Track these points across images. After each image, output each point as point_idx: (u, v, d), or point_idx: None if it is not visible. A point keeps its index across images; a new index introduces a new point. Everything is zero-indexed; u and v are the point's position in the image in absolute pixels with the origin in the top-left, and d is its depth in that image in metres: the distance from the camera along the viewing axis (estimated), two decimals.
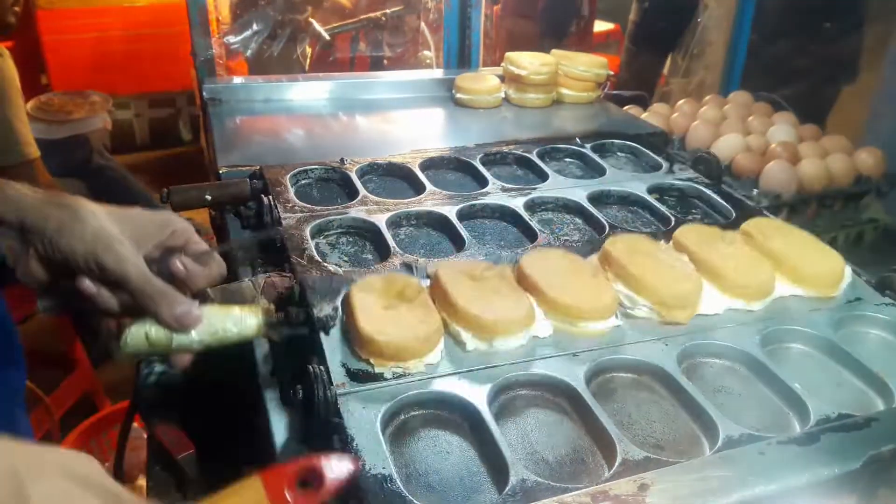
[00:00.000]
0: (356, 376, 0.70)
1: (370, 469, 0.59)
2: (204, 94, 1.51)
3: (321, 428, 0.66)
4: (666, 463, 0.59)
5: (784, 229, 0.99)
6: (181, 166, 4.00)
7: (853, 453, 0.60)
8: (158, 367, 0.95)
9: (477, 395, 0.69)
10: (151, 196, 2.71)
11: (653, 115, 1.73)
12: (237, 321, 0.66)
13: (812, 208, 1.54)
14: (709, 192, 1.17)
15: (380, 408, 0.66)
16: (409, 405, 0.69)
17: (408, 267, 0.90)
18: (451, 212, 1.06)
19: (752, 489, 0.56)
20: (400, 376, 0.70)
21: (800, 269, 0.89)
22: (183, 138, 4.35)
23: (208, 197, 1.08)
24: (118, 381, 2.23)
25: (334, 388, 0.67)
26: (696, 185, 1.19)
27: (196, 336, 0.64)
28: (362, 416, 0.65)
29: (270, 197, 1.04)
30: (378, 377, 0.70)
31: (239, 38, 1.91)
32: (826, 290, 0.89)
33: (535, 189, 1.16)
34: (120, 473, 1.17)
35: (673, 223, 1.06)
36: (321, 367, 0.69)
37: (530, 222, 1.06)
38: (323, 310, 0.77)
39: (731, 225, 1.07)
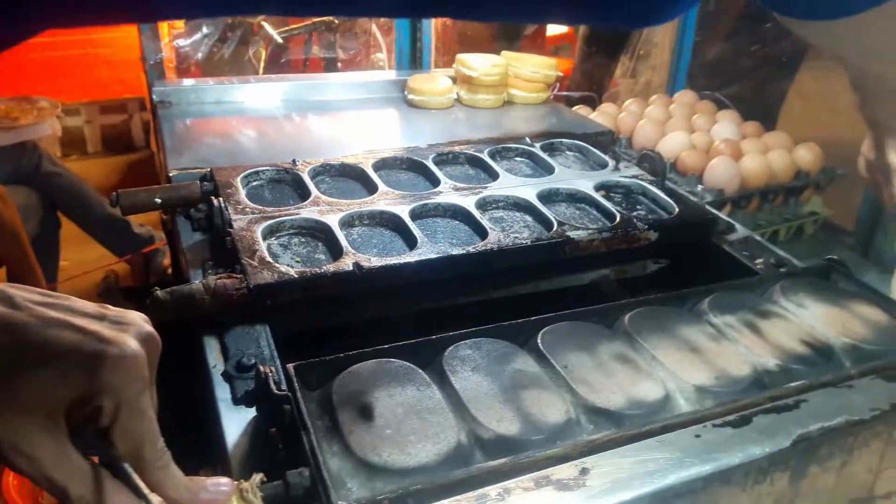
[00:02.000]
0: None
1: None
2: (153, 96, 1.50)
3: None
4: None
5: None
6: (135, 173, 3.94)
7: (783, 433, 0.64)
8: None
9: None
10: (105, 203, 2.67)
11: (601, 115, 1.77)
12: None
13: (754, 203, 1.59)
14: (653, 188, 1.20)
15: None
16: None
17: (359, 266, 0.91)
18: (403, 211, 1.08)
19: (688, 470, 0.59)
20: None
21: None
22: (136, 144, 4.28)
23: (158, 200, 1.08)
24: None
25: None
26: (640, 182, 1.22)
27: None
28: None
29: (221, 199, 1.04)
30: None
31: (189, 41, 1.90)
32: None
33: (485, 188, 1.19)
34: None
35: (618, 219, 1.09)
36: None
37: (481, 220, 1.08)
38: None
39: (675, 220, 1.11)
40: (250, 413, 0.71)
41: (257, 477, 0.53)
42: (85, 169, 3.86)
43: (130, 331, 0.47)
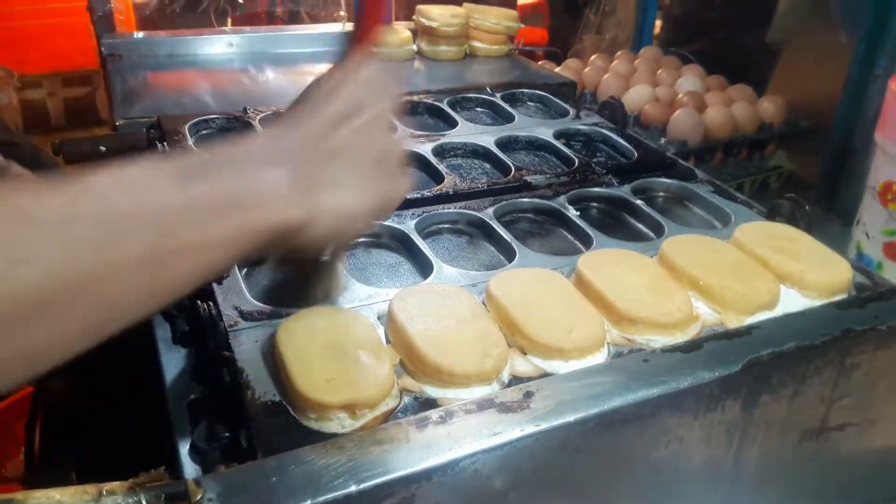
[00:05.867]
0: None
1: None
2: (102, 49, 1.45)
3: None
4: None
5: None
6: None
7: (733, 358, 0.62)
8: None
9: None
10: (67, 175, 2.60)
11: (565, 70, 1.75)
12: None
13: (718, 156, 1.58)
14: (613, 135, 1.19)
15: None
16: None
17: None
18: None
19: (634, 393, 0.57)
20: None
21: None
22: (103, 118, 4.15)
23: (102, 148, 1.04)
24: None
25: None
26: (600, 130, 1.21)
27: None
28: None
29: (166, 145, 1.00)
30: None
31: None
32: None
33: (443, 135, 1.16)
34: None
35: (576, 164, 1.08)
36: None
37: (438, 167, 1.05)
38: None
39: (634, 165, 1.10)
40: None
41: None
42: (49, 145, 3.72)
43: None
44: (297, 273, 0.69)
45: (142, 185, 0.44)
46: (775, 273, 0.78)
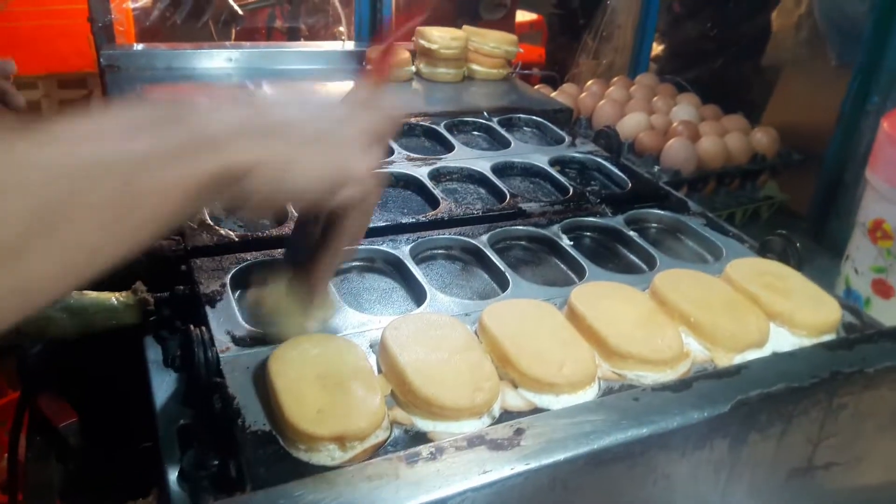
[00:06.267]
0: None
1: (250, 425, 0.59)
2: (101, 60, 1.45)
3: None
4: None
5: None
6: None
7: (723, 398, 0.63)
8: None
9: None
10: None
11: (562, 95, 1.77)
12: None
13: (711, 185, 1.59)
14: (607, 164, 1.20)
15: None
16: None
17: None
18: None
19: (625, 432, 0.57)
20: None
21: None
22: None
23: None
24: None
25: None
26: (595, 158, 1.22)
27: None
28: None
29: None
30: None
31: (139, 3, 1.84)
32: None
33: (440, 159, 1.17)
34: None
35: (571, 192, 1.08)
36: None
37: (434, 191, 1.06)
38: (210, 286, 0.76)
39: (627, 195, 1.11)
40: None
41: None
42: None
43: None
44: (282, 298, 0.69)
45: (107, 136, 0.48)
46: (765, 311, 0.79)
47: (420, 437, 0.60)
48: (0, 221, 0.41)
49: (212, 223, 0.88)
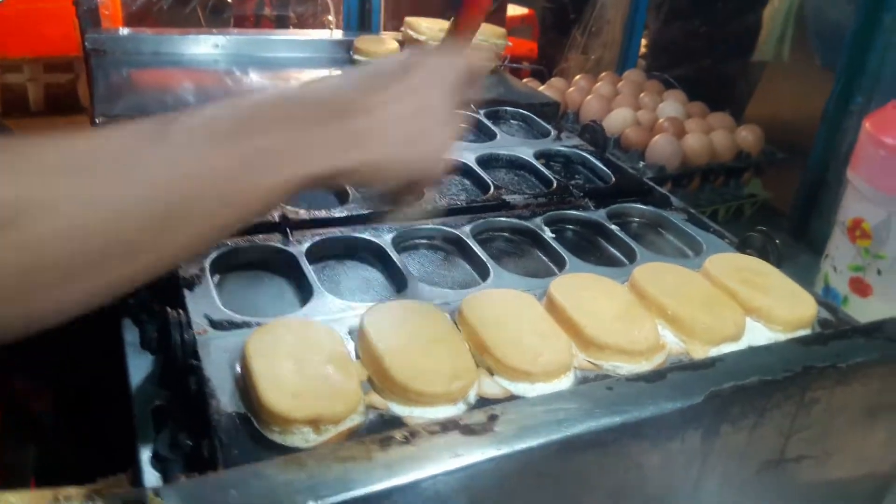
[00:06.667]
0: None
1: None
2: (86, 44, 1.44)
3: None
4: None
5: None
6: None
7: (696, 389, 0.63)
8: None
9: None
10: None
11: (549, 89, 1.77)
12: None
13: (695, 181, 1.60)
14: (592, 158, 1.20)
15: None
16: None
17: (286, 218, 0.88)
18: None
19: (597, 420, 0.58)
20: None
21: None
22: (83, 105, 4.10)
23: None
24: None
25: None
26: (580, 152, 1.22)
27: None
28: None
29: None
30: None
31: None
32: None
33: None
34: None
35: (555, 185, 1.09)
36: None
37: None
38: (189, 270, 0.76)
39: (611, 189, 1.11)
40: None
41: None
42: (27, 130, 3.68)
43: None
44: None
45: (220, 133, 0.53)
46: (742, 305, 0.80)
47: (395, 422, 0.60)
48: (124, 214, 0.44)
49: None
